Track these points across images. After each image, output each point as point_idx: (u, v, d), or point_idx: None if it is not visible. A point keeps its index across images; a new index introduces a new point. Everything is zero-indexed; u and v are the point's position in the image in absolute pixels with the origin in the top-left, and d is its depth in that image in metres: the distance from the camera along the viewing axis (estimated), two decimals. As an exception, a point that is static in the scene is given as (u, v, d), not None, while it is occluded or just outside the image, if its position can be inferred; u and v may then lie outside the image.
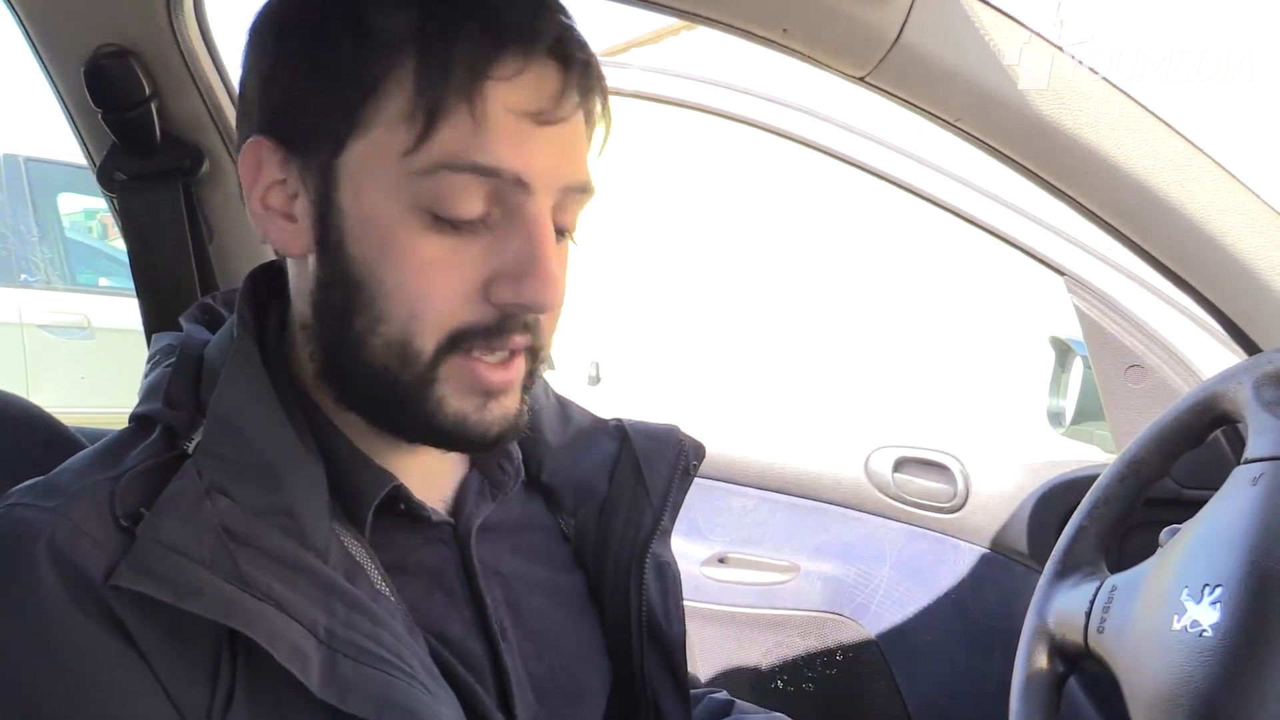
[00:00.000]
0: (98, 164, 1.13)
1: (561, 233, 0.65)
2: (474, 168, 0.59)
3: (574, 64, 0.62)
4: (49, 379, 4.61)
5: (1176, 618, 0.70)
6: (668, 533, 0.81)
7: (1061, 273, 1.39)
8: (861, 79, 0.88)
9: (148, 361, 0.71)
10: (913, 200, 1.45)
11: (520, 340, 0.64)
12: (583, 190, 0.65)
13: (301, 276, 0.65)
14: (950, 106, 0.92)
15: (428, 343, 0.61)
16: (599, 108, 0.66)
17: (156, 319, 1.12)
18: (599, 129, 0.68)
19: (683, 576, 0.83)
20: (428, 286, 0.61)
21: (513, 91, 0.60)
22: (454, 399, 0.63)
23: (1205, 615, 0.68)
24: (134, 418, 0.66)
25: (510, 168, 0.60)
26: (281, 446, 0.62)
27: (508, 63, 0.59)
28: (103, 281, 5.26)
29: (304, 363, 0.67)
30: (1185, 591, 0.70)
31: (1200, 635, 0.68)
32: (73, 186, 5.14)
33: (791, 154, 1.54)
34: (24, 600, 0.56)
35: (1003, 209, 1.42)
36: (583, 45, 0.63)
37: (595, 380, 3.10)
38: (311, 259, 0.64)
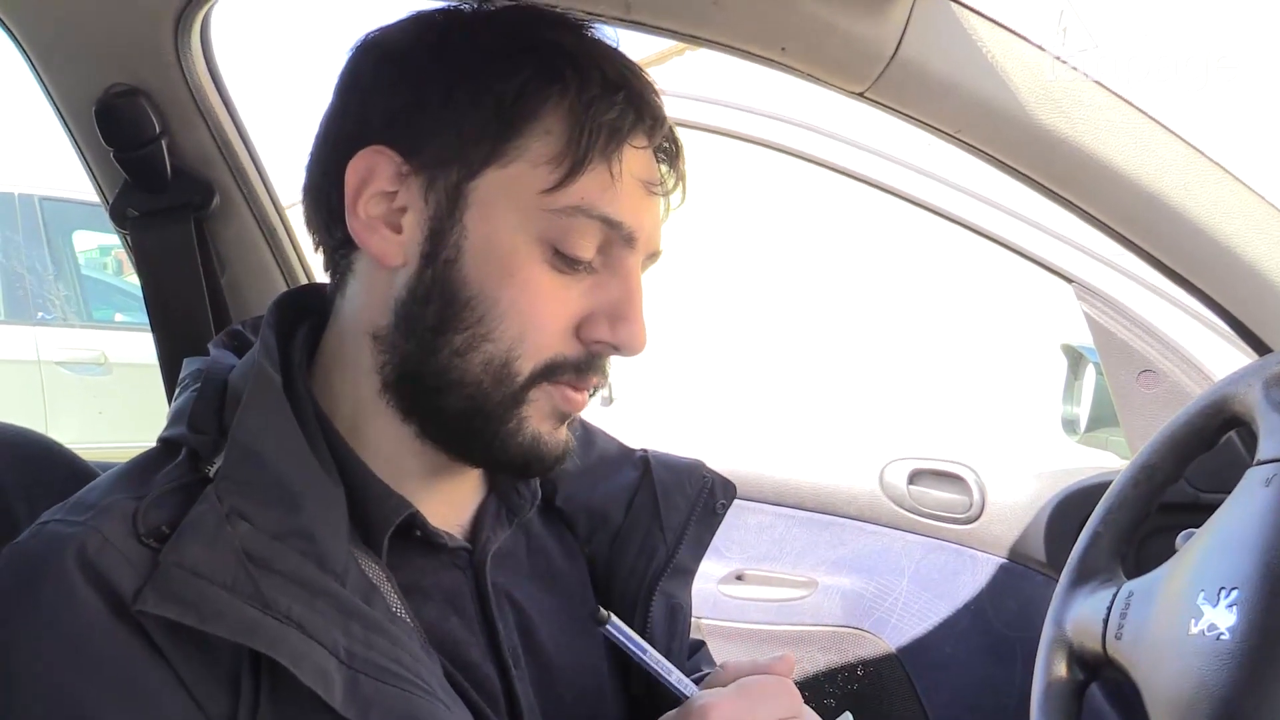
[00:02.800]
0: (110, 201, 1.14)
1: None
2: (604, 218, 0.66)
3: (677, 152, 0.73)
4: (67, 415, 4.64)
5: (1193, 622, 0.70)
6: (686, 573, 0.81)
7: (1070, 280, 1.39)
8: (861, 94, 0.89)
9: (178, 385, 0.73)
10: (921, 213, 1.45)
11: (596, 380, 0.70)
12: (655, 259, 0.73)
13: (385, 287, 0.67)
14: (950, 119, 0.92)
15: (526, 365, 0.66)
16: (680, 195, 0.73)
17: (171, 352, 1.13)
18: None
19: (700, 594, 0.83)
20: (539, 313, 0.66)
21: (638, 161, 0.68)
22: (535, 420, 0.68)
23: (1222, 619, 0.68)
24: (160, 441, 0.68)
25: (629, 224, 0.67)
26: (301, 471, 0.64)
27: (640, 135, 0.68)
28: (119, 317, 5.27)
29: (339, 381, 0.70)
30: (1201, 595, 0.70)
31: (1218, 639, 0.67)
32: (87, 224, 5.17)
33: (800, 169, 1.55)
34: (59, 610, 0.58)
35: (1010, 219, 1.42)
36: (680, 143, 0.73)
37: (608, 400, 3.10)
38: (406, 271, 0.67)
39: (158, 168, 1.10)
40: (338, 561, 0.62)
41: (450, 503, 0.73)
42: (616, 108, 0.66)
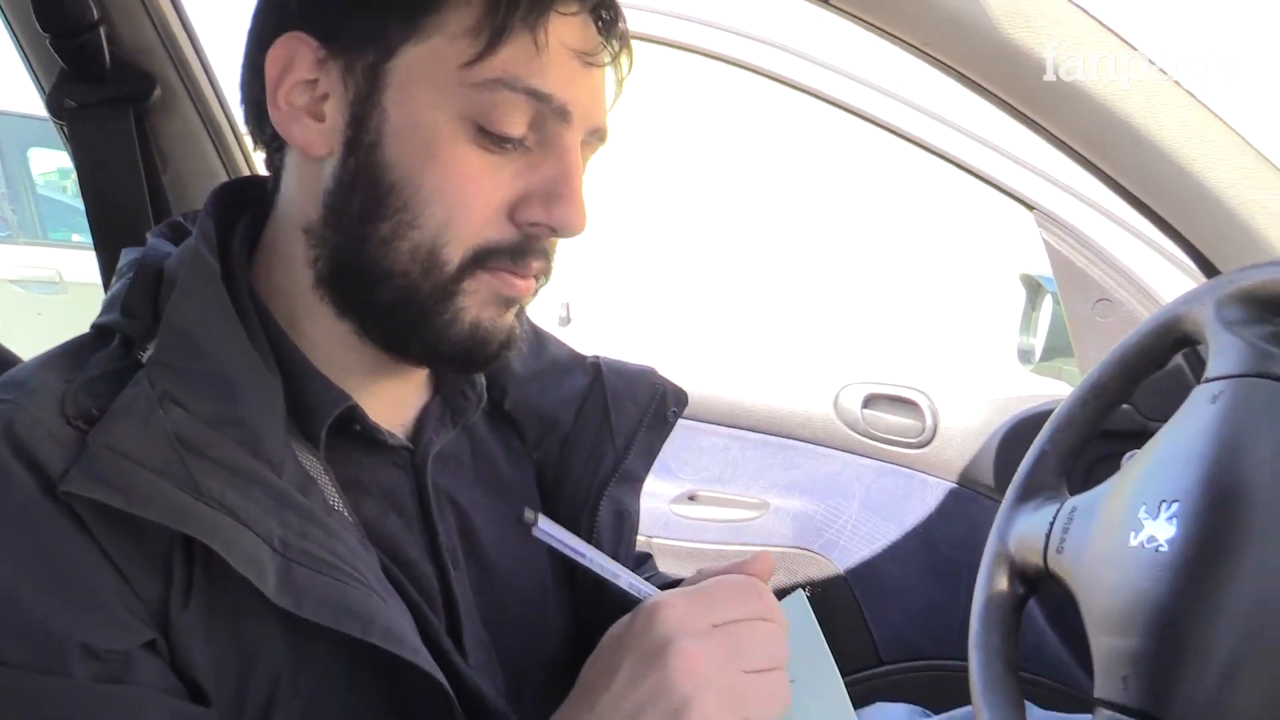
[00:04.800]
0: (47, 90, 1.10)
1: None
2: (529, 90, 0.62)
3: (615, 19, 0.68)
4: (19, 333, 4.56)
5: (1133, 534, 0.70)
6: (635, 479, 0.80)
7: (1031, 207, 1.38)
8: (827, 1, 0.87)
9: (115, 275, 0.71)
10: (882, 134, 1.43)
11: (537, 265, 0.67)
12: (601, 138, 0.69)
13: (314, 179, 0.66)
14: (917, 30, 0.91)
15: (454, 254, 0.63)
16: (625, 66, 0.70)
17: (111, 249, 1.10)
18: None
19: (653, 514, 0.82)
20: (466, 196, 0.63)
21: (568, 29, 0.64)
22: (473, 309, 0.65)
23: (1162, 531, 0.68)
24: (93, 327, 0.66)
25: (560, 96, 0.63)
26: (237, 358, 0.62)
27: (569, 1, 0.63)
28: (75, 238, 5.19)
29: (279, 275, 0.68)
30: (1143, 509, 0.70)
31: (1156, 551, 0.68)
32: (43, 141, 5.03)
33: (759, 88, 1.53)
34: None
35: (973, 143, 1.41)
36: (618, 8, 0.69)
37: (565, 321, 3.09)
38: (332, 161, 0.65)
39: (95, 57, 1.06)
40: (273, 451, 0.61)
41: (393, 402, 0.72)
42: None
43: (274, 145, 0.69)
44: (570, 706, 0.60)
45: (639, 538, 0.84)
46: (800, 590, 0.70)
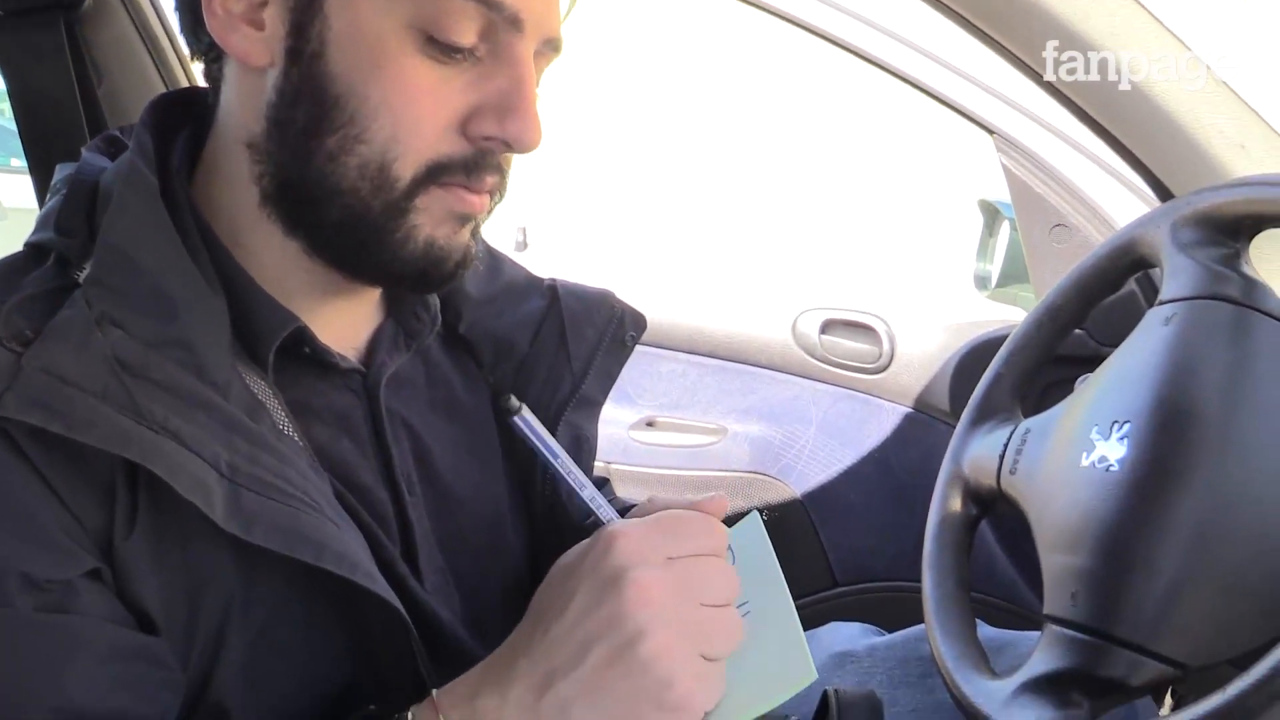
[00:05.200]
0: (-31, -3, 1.04)
1: None
2: None
3: None
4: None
5: (1085, 455, 0.71)
6: (593, 404, 0.79)
7: (991, 131, 1.37)
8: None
9: (49, 193, 0.67)
10: (843, 56, 1.41)
11: (491, 181, 0.65)
12: (555, 49, 0.66)
13: (255, 90, 0.62)
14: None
15: (405, 170, 0.61)
16: None
17: (45, 170, 1.06)
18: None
19: (611, 440, 0.81)
20: (414, 109, 0.60)
21: None
22: (428, 227, 0.63)
23: (1113, 451, 0.69)
24: (26, 246, 0.63)
25: (512, 4, 0.60)
26: (178, 277, 0.60)
27: None
28: (15, 162, 5.02)
29: (221, 192, 0.65)
30: (1095, 429, 0.71)
31: (1107, 470, 0.68)
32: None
33: (720, 9, 1.49)
34: None
35: (933, 65, 1.39)
36: None
37: (522, 246, 3.07)
38: (274, 72, 0.61)
39: (20, -40, 1.00)
40: (219, 374, 0.59)
41: (344, 325, 0.70)
42: None
43: (212, 55, 0.65)
44: (522, 633, 0.60)
45: (597, 463, 0.83)
46: (755, 511, 0.70)
